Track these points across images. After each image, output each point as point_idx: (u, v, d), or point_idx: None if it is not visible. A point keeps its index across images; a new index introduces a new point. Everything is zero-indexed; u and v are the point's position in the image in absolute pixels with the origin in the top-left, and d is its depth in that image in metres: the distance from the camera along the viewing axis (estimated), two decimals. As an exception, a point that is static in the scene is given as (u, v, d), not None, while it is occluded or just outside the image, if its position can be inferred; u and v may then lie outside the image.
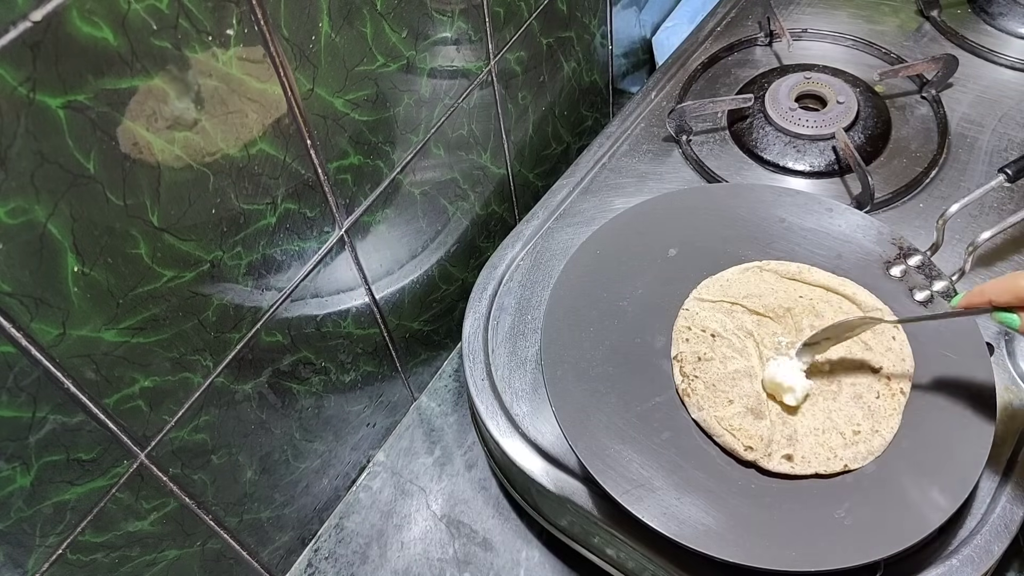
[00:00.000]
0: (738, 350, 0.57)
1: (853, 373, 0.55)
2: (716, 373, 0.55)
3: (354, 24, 0.52)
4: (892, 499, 0.50)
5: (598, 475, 0.51)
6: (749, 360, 0.56)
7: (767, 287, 0.60)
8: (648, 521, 0.49)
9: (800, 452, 0.52)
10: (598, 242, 0.64)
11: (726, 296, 0.59)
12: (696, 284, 0.61)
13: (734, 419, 0.53)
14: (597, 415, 0.54)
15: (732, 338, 0.57)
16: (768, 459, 0.52)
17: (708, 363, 0.56)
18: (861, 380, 0.55)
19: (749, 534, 0.49)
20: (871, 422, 0.53)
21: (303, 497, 0.67)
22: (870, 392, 0.54)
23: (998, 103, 0.77)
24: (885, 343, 0.56)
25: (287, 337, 0.57)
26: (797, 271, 0.61)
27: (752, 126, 0.78)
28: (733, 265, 0.62)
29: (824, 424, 0.53)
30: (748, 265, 0.62)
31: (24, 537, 0.44)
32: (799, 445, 0.53)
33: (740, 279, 0.61)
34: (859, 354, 0.56)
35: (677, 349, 0.57)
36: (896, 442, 0.52)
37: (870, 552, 0.48)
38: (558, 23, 0.78)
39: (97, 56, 0.37)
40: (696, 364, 0.56)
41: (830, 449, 0.52)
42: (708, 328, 0.58)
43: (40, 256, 0.38)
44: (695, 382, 0.55)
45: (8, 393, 0.39)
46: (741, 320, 0.59)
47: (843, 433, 0.53)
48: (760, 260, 0.62)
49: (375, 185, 0.61)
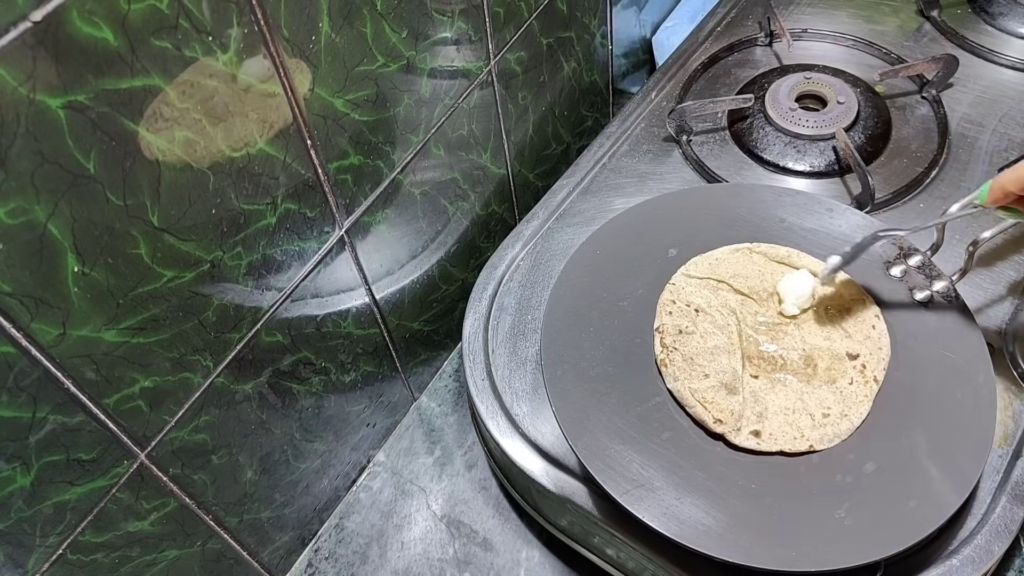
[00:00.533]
0: (720, 327, 0.58)
1: (829, 358, 0.56)
2: (695, 347, 0.57)
3: (354, 24, 0.52)
4: (892, 499, 0.50)
5: (598, 475, 0.51)
6: (730, 338, 0.57)
7: (755, 268, 0.61)
8: (648, 521, 0.49)
9: (768, 429, 0.53)
10: (598, 242, 0.64)
11: (713, 274, 0.61)
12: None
13: (707, 392, 0.54)
14: (597, 415, 0.54)
15: (715, 314, 0.58)
16: (736, 433, 0.53)
17: (689, 336, 0.57)
18: (837, 366, 0.56)
19: (749, 534, 0.49)
20: (841, 406, 0.54)
21: (303, 497, 0.67)
22: (844, 377, 0.55)
23: (998, 103, 0.77)
24: (864, 331, 0.57)
25: (287, 337, 0.57)
26: (786, 255, 0.62)
27: (752, 126, 0.78)
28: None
29: (795, 404, 0.54)
30: (739, 246, 0.63)
31: (24, 537, 0.44)
32: (767, 423, 0.54)
33: (729, 259, 0.62)
34: (838, 340, 0.57)
35: (660, 321, 0.58)
36: (896, 442, 0.52)
37: (870, 552, 0.48)
38: (558, 23, 0.78)
39: (97, 56, 0.37)
40: (676, 336, 0.57)
41: (798, 429, 0.53)
42: (692, 303, 0.59)
43: (40, 256, 0.38)
44: (674, 353, 0.56)
45: (8, 393, 0.39)
46: (725, 298, 0.60)
47: (812, 414, 0.54)
48: (751, 242, 0.63)
49: (375, 185, 0.61)
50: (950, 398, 0.53)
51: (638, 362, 0.57)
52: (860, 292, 0.59)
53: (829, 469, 0.52)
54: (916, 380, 0.55)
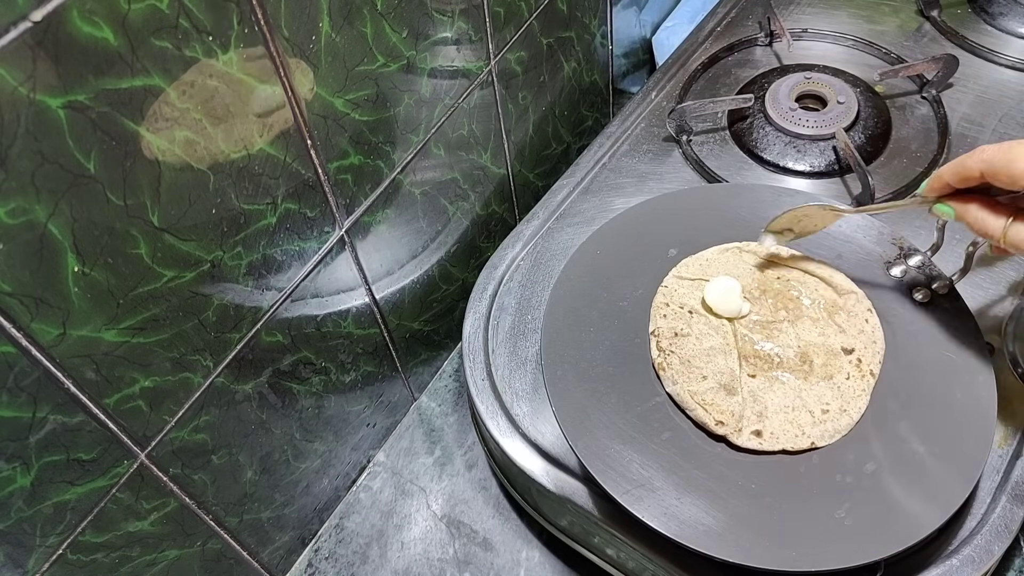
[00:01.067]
0: (714, 327, 0.58)
1: (825, 354, 0.56)
2: (692, 349, 0.57)
3: (354, 24, 0.52)
4: (893, 499, 0.50)
5: (598, 475, 0.51)
6: (725, 338, 0.57)
7: (745, 268, 0.61)
8: (648, 521, 0.49)
9: (769, 428, 0.53)
10: (598, 242, 0.64)
11: (704, 275, 0.61)
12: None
13: (707, 394, 0.54)
14: (597, 415, 0.54)
15: (709, 316, 0.58)
16: (738, 434, 0.53)
17: (684, 339, 0.57)
18: (833, 361, 0.56)
19: (749, 534, 0.49)
20: (840, 402, 0.54)
21: (303, 497, 0.67)
22: (840, 373, 0.55)
23: (998, 103, 0.77)
24: (858, 326, 0.57)
25: (287, 337, 0.57)
26: (774, 251, 0.62)
27: (752, 126, 0.78)
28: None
29: (794, 402, 0.54)
30: (727, 246, 0.63)
31: (24, 537, 0.44)
32: (768, 422, 0.53)
33: (719, 259, 0.62)
34: (832, 335, 0.57)
35: (655, 324, 0.58)
36: (897, 442, 0.52)
37: (870, 552, 0.48)
38: (558, 23, 0.78)
39: (97, 56, 0.37)
40: (672, 339, 0.57)
41: (798, 426, 0.53)
42: (686, 304, 0.59)
43: (40, 256, 0.38)
44: (671, 357, 0.56)
45: (8, 393, 0.39)
46: None
47: (812, 411, 0.54)
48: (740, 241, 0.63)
49: (375, 185, 0.61)
50: (950, 398, 0.53)
51: (638, 362, 0.57)
52: (852, 286, 0.59)
53: (829, 469, 0.52)
54: (916, 380, 0.55)
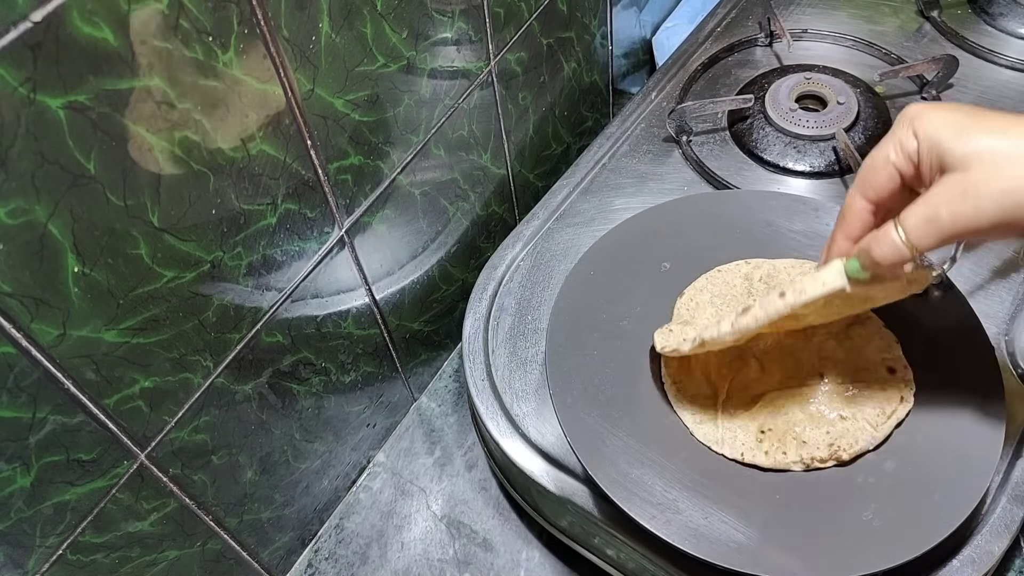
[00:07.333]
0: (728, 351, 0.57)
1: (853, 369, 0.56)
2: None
3: (354, 24, 0.52)
4: (916, 496, 0.50)
5: (623, 503, 0.50)
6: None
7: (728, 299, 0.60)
8: (679, 545, 0.49)
9: (788, 444, 0.53)
10: (590, 263, 0.63)
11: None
12: None
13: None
14: (613, 440, 0.54)
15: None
16: (762, 457, 0.52)
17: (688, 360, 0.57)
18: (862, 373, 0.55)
19: (783, 546, 0.48)
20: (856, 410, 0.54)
21: (303, 497, 0.67)
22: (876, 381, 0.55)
23: (998, 103, 0.77)
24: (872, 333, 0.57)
25: (287, 337, 0.57)
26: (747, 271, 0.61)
27: (752, 127, 0.78)
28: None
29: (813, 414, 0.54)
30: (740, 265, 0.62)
31: (24, 537, 0.44)
32: (787, 437, 0.53)
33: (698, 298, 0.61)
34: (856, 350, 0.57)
35: (665, 370, 0.58)
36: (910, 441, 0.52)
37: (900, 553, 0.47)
38: (558, 23, 0.78)
39: (97, 56, 0.37)
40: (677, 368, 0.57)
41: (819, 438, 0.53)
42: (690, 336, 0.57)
43: (40, 256, 0.38)
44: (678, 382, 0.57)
45: (8, 394, 0.39)
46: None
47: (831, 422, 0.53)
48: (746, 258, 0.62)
49: (375, 185, 0.61)
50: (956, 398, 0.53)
51: (646, 380, 0.57)
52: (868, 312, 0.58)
53: (850, 471, 0.52)
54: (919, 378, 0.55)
